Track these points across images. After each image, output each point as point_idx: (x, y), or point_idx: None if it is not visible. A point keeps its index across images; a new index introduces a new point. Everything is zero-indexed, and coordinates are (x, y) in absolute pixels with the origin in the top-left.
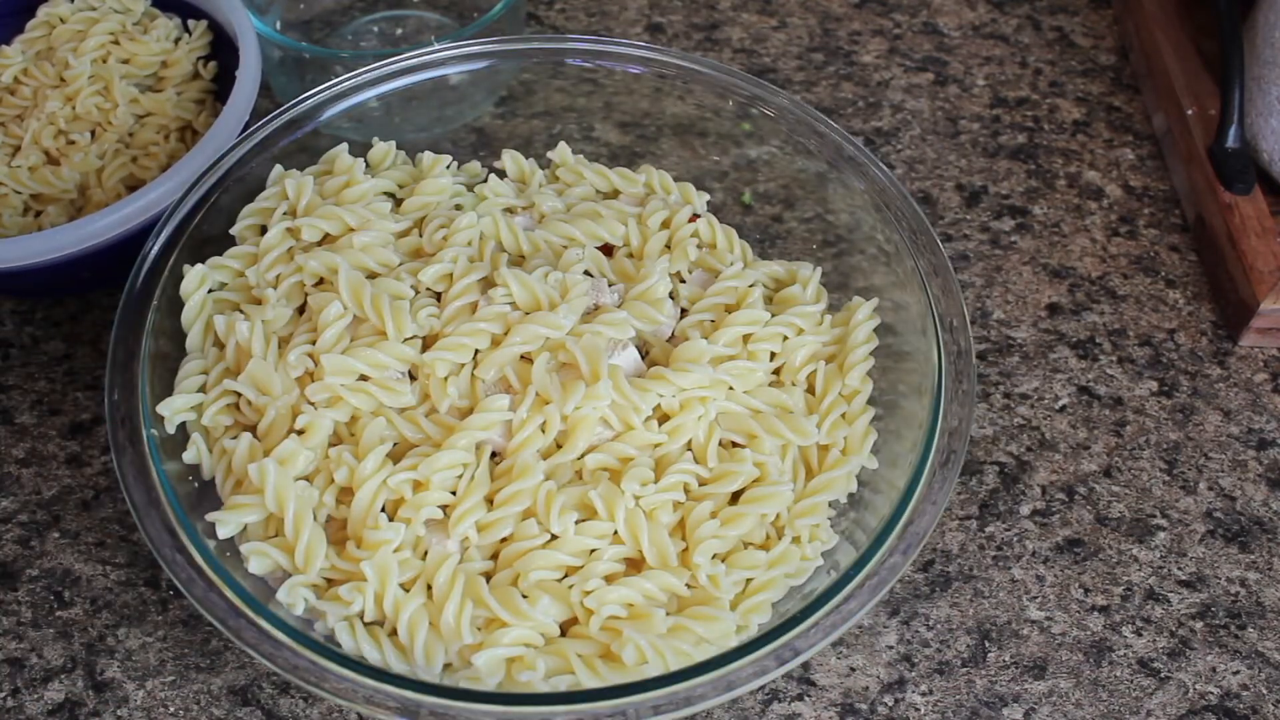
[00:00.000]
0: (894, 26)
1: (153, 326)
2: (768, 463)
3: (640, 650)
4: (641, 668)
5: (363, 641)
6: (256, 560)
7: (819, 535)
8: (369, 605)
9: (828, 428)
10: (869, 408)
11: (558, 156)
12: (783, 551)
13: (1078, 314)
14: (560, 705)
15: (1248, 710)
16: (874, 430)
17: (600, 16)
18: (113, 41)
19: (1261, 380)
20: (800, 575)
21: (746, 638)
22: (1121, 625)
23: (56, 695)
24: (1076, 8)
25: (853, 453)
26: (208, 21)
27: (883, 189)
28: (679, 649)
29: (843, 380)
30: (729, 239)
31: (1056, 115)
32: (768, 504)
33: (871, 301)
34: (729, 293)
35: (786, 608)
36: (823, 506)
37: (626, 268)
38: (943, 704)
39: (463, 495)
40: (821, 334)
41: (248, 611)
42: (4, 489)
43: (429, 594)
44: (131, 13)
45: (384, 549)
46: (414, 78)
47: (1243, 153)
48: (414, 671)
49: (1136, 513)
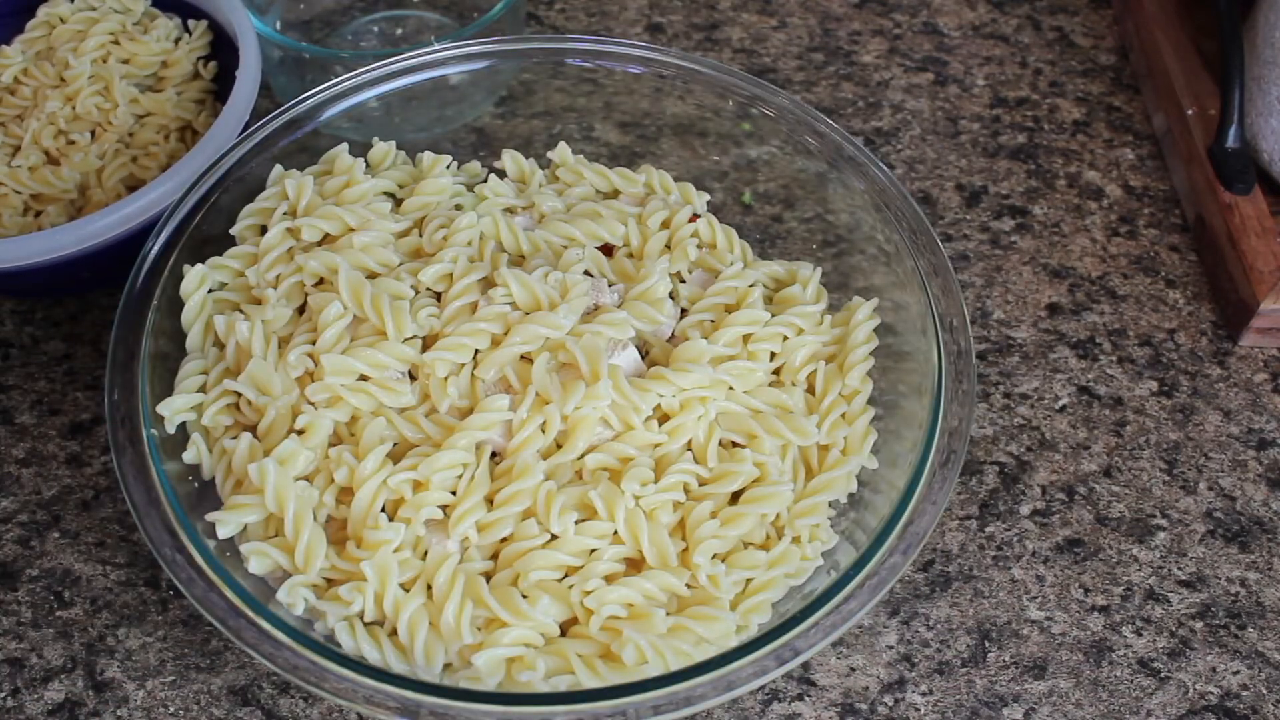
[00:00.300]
0: (894, 26)
1: (153, 326)
2: (767, 463)
3: (640, 650)
4: (641, 668)
5: (363, 641)
6: (256, 560)
7: (819, 535)
8: (369, 605)
9: (828, 428)
10: (869, 408)
11: (558, 156)
12: (783, 551)
13: (1078, 314)
14: (560, 705)
15: (1248, 710)
16: (874, 430)
17: (600, 16)
18: (113, 41)
19: (1261, 380)
20: (800, 575)
21: (746, 638)
22: (1121, 625)
23: (56, 695)
24: (1076, 8)
25: (853, 453)
26: (208, 22)
27: (883, 189)
28: (679, 649)
29: (843, 380)
30: (729, 239)
31: (1056, 115)
32: (768, 504)
33: (871, 301)
34: (729, 293)
35: (786, 608)
36: (823, 506)
37: (626, 267)
38: (943, 704)
39: (463, 495)
40: (821, 334)
41: (248, 611)
42: (4, 489)
43: (429, 594)
44: (131, 13)
45: (384, 549)
46: (414, 78)
47: (1243, 153)
48: (414, 672)
49: (1136, 513)
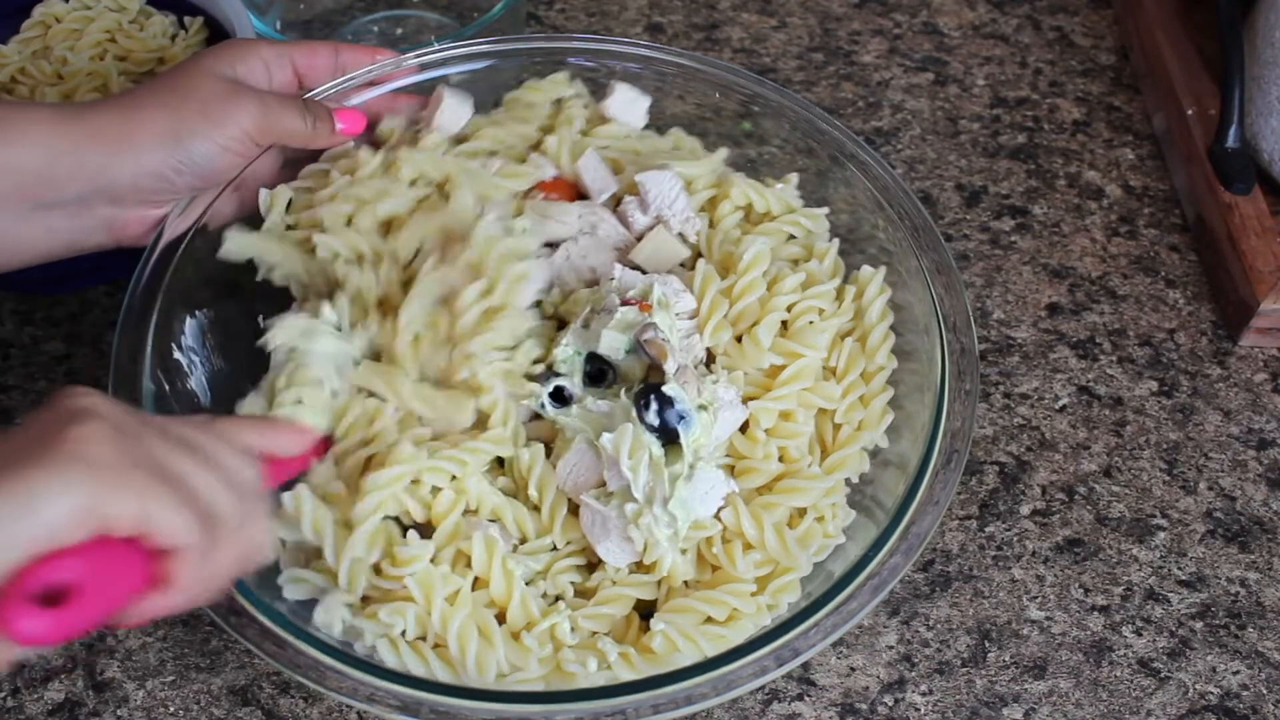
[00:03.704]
0: (894, 26)
1: (156, 325)
2: (790, 449)
3: (669, 639)
4: (648, 666)
5: (407, 657)
6: (293, 588)
7: (838, 512)
8: (410, 624)
9: (845, 408)
10: (888, 387)
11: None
12: (807, 530)
13: (1078, 314)
14: (560, 704)
15: (1248, 710)
16: (890, 410)
17: (600, 16)
18: (109, 39)
19: (1261, 380)
20: (823, 553)
21: (751, 635)
22: (1121, 625)
23: (56, 695)
24: (1076, 8)
25: (869, 428)
26: (204, 17)
27: (885, 187)
28: (713, 633)
29: (865, 359)
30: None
31: (1056, 115)
32: (798, 497)
33: (880, 270)
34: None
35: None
36: (841, 484)
37: None
38: (943, 704)
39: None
40: (842, 315)
41: (249, 608)
42: None
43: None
44: (127, 10)
45: (416, 564)
46: (414, 78)
47: (1243, 153)
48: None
49: (1136, 513)
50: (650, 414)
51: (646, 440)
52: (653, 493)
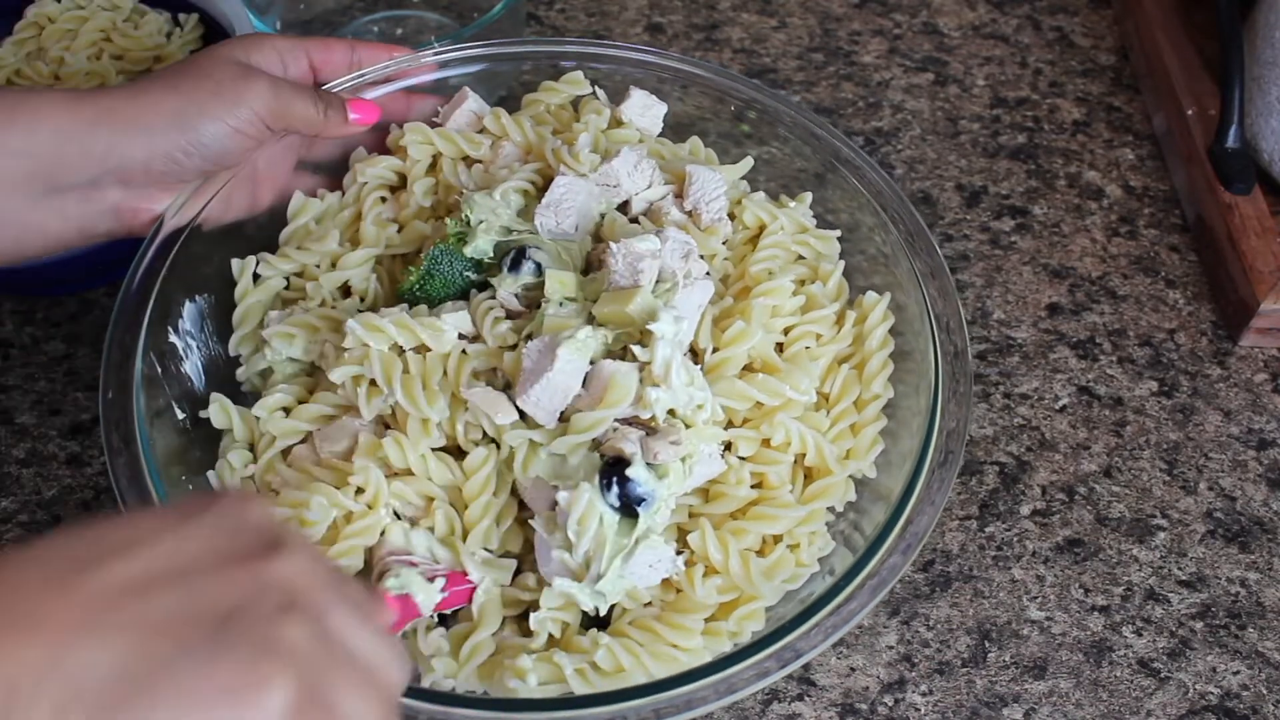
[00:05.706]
0: (894, 26)
1: (149, 326)
2: (769, 475)
3: (613, 654)
4: (633, 675)
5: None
6: None
7: (816, 541)
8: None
9: (834, 435)
10: (881, 416)
11: None
12: (778, 559)
13: (1078, 314)
14: (559, 711)
15: (1248, 710)
16: (881, 440)
17: (600, 17)
18: (104, 38)
19: (1261, 380)
20: (795, 581)
21: (744, 642)
22: (1121, 625)
23: None
24: (1076, 8)
25: (855, 459)
26: (199, 14)
27: (880, 191)
28: (661, 653)
29: (861, 386)
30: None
31: (1056, 115)
32: (771, 525)
33: (884, 298)
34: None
35: (785, 610)
36: (820, 514)
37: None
38: (943, 704)
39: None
40: (840, 341)
41: None
42: (4, 489)
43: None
44: (120, 9)
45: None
46: (431, 75)
47: (1243, 153)
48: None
49: (1136, 513)
50: (612, 495)
51: (600, 510)
52: (589, 561)
